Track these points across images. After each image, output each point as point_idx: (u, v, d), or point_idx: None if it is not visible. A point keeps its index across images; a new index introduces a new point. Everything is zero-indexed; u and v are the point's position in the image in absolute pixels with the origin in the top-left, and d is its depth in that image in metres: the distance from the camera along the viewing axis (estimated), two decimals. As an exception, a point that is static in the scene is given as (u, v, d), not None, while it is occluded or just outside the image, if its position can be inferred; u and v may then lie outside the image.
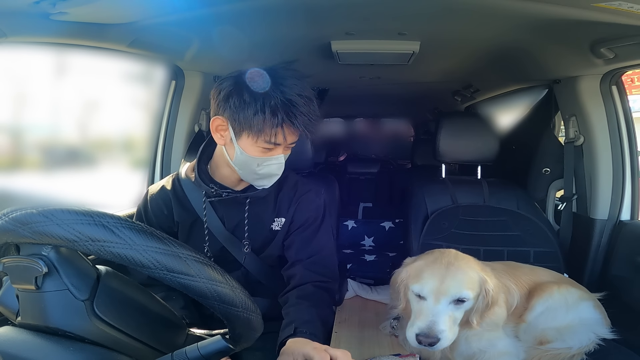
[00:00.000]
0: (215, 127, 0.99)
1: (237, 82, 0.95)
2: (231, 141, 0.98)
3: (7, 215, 0.49)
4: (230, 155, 1.00)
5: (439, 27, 1.27)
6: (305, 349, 0.79)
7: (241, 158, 0.98)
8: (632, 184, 1.48)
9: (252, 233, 1.09)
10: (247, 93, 0.93)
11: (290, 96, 0.93)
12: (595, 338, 1.06)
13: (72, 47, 1.08)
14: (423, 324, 0.87)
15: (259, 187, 1.05)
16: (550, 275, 1.20)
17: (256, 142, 0.95)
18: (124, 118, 1.59)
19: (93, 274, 0.55)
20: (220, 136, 1.00)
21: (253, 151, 0.97)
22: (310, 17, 1.20)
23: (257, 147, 0.96)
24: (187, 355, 0.56)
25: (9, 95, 1.14)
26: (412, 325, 0.90)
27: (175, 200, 1.09)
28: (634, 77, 5.31)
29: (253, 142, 0.96)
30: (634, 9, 0.92)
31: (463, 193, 1.61)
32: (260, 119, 0.92)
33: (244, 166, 1.00)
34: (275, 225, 1.12)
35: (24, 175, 1.25)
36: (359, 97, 2.74)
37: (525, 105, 2.13)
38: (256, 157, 0.97)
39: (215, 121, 0.98)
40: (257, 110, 0.92)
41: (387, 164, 3.41)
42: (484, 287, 0.92)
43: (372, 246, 2.77)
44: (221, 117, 0.97)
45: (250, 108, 0.92)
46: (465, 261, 0.96)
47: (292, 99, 0.93)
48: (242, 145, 0.97)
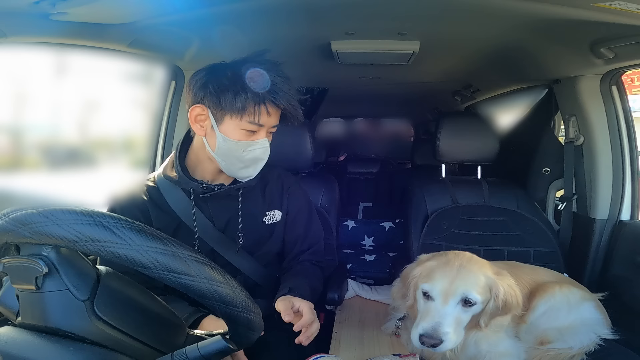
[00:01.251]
0: (195, 117, 0.97)
1: (211, 70, 0.96)
2: (212, 129, 0.96)
3: (7, 215, 0.49)
4: (212, 145, 0.97)
5: (439, 27, 1.27)
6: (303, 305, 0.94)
7: (224, 146, 0.96)
8: (632, 184, 1.48)
9: (246, 229, 1.06)
10: (224, 77, 0.93)
11: (268, 71, 0.94)
12: (596, 338, 1.06)
13: (72, 47, 1.08)
14: (428, 324, 0.87)
15: (243, 178, 1.02)
16: (551, 275, 1.20)
17: (240, 122, 0.94)
18: (124, 118, 1.59)
19: (93, 274, 0.54)
20: (200, 127, 0.98)
21: (236, 135, 0.95)
22: (310, 17, 1.20)
23: (240, 130, 0.95)
24: (187, 355, 0.56)
25: (9, 95, 1.14)
26: (417, 325, 0.89)
27: (152, 206, 1.02)
28: (634, 77, 5.30)
29: (236, 125, 0.95)
30: (634, 9, 0.92)
31: (463, 193, 1.61)
32: (242, 98, 0.92)
33: (228, 154, 0.97)
34: (268, 219, 1.11)
35: (24, 175, 1.25)
36: (359, 97, 2.74)
37: (525, 105, 2.13)
38: (240, 141, 0.96)
39: (194, 110, 0.96)
40: (237, 90, 0.92)
41: (387, 164, 3.41)
42: (493, 291, 0.91)
43: (372, 246, 2.77)
44: (200, 105, 0.95)
45: (231, 89, 0.92)
46: (479, 265, 0.95)
47: (271, 77, 0.94)
48: (224, 130, 0.95)
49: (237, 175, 1.02)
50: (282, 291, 1.01)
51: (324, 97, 2.50)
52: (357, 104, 3.20)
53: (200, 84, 0.95)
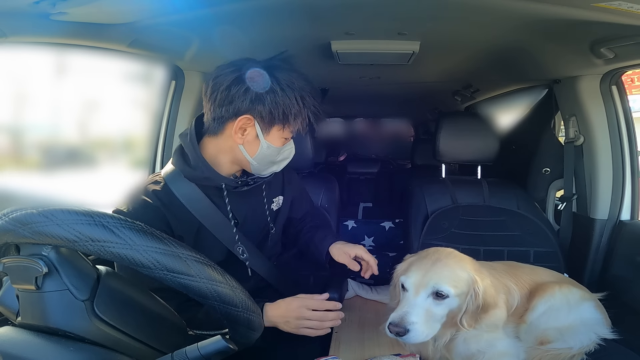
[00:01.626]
0: (239, 127, 0.95)
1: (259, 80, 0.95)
2: (255, 138, 0.97)
3: (7, 215, 0.49)
4: (250, 151, 0.98)
5: (439, 27, 1.27)
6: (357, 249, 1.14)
7: (267, 152, 0.99)
8: (632, 184, 1.48)
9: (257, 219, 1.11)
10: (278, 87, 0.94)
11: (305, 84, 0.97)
12: (596, 338, 1.06)
13: (72, 47, 1.08)
14: (397, 314, 0.87)
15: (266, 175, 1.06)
16: (550, 275, 1.20)
17: (283, 132, 0.98)
18: (124, 118, 1.59)
19: (93, 274, 0.54)
20: (240, 135, 0.96)
21: (278, 142, 0.99)
22: (310, 17, 1.20)
23: (281, 138, 0.99)
24: (187, 355, 0.56)
25: (9, 95, 1.14)
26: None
27: (171, 214, 0.96)
28: (634, 77, 5.30)
29: (280, 135, 0.98)
30: (634, 9, 0.92)
31: (463, 193, 1.61)
32: (297, 110, 0.95)
33: (265, 158, 1.00)
34: (275, 206, 1.16)
35: (24, 175, 1.25)
36: (359, 97, 2.74)
37: (525, 105, 2.13)
38: (280, 147, 1.00)
39: (241, 121, 0.94)
40: (292, 104, 0.95)
41: (387, 164, 3.41)
42: (472, 288, 0.90)
43: (372, 246, 2.77)
44: (248, 116, 0.94)
45: (286, 102, 0.94)
46: (457, 260, 0.95)
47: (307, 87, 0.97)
48: (270, 139, 0.98)
49: (262, 173, 1.04)
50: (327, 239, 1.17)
51: (324, 97, 2.50)
52: (357, 104, 3.20)
53: (252, 94, 0.93)
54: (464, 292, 0.90)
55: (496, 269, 1.11)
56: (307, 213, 1.31)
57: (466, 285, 0.90)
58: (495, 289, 0.95)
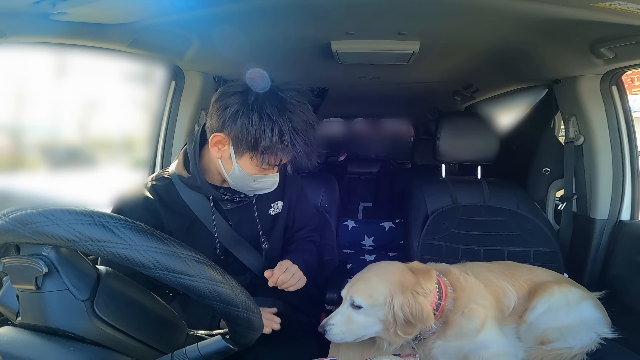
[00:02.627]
0: (215, 142, 0.95)
1: (245, 100, 0.91)
2: (229, 158, 0.96)
3: (7, 215, 0.49)
4: (227, 169, 0.98)
5: (439, 27, 1.27)
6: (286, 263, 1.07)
7: (238, 174, 0.97)
8: (632, 184, 1.48)
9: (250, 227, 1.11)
10: (256, 114, 0.89)
11: (297, 123, 0.91)
12: (597, 337, 1.06)
13: (72, 47, 1.08)
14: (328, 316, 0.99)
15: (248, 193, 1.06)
16: (549, 275, 1.20)
17: (254, 161, 0.94)
18: (124, 118, 1.59)
19: (93, 274, 0.54)
20: (217, 150, 0.97)
21: (251, 170, 0.96)
22: (310, 17, 1.20)
23: (256, 167, 0.95)
24: (187, 355, 0.56)
25: (9, 95, 1.14)
26: None
27: (163, 208, 1.01)
28: (634, 77, 5.30)
29: (253, 163, 0.95)
30: (634, 9, 0.92)
31: (463, 193, 1.61)
32: (268, 144, 0.90)
33: (239, 181, 0.99)
34: (272, 211, 1.15)
35: (24, 175, 1.25)
36: (359, 97, 2.74)
37: (525, 105, 2.13)
38: (253, 175, 0.97)
39: (216, 137, 0.94)
40: (265, 136, 0.89)
41: (387, 164, 3.41)
42: (389, 302, 0.94)
43: (372, 246, 2.77)
44: (222, 134, 0.93)
45: (259, 131, 0.89)
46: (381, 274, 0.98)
47: (298, 126, 0.91)
48: (241, 163, 0.95)
49: (244, 191, 1.05)
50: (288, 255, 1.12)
51: (324, 97, 2.50)
52: (357, 104, 3.20)
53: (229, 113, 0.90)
54: (381, 303, 0.94)
55: (492, 270, 1.12)
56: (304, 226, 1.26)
57: (383, 298, 0.94)
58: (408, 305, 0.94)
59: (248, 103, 0.90)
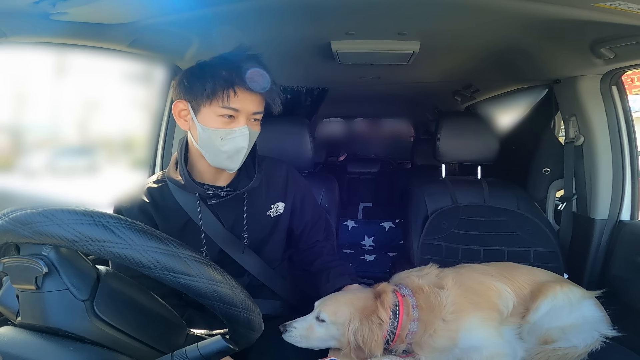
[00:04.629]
0: (178, 112, 0.99)
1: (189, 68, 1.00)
2: (193, 122, 0.97)
3: (7, 215, 0.49)
4: (195, 137, 0.99)
5: (439, 27, 1.27)
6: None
7: (204, 136, 0.96)
8: (632, 184, 1.48)
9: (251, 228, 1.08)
10: (197, 69, 0.97)
11: (239, 59, 0.96)
12: (599, 336, 1.06)
13: (72, 47, 1.08)
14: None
15: (231, 170, 1.02)
16: (548, 276, 1.20)
17: (214, 109, 0.95)
18: (124, 118, 1.59)
19: (93, 274, 0.54)
20: (184, 121, 1.00)
21: (214, 123, 0.95)
22: (310, 17, 1.21)
23: (217, 117, 0.95)
24: (187, 355, 0.56)
25: (9, 95, 1.14)
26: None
27: (155, 210, 1.03)
28: (634, 77, 5.30)
29: (212, 113, 0.95)
30: (634, 9, 0.92)
31: (463, 193, 1.61)
32: (210, 84, 0.93)
33: (209, 144, 0.97)
34: (272, 212, 1.12)
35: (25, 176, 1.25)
36: (359, 97, 2.75)
37: (525, 105, 2.13)
38: (218, 129, 0.95)
39: (177, 106, 0.99)
40: (206, 78, 0.94)
41: (387, 164, 3.41)
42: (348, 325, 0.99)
43: (372, 246, 2.77)
44: (181, 100, 0.98)
45: (201, 78, 0.94)
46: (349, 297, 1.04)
47: (241, 62, 0.95)
48: (202, 120, 0.96)
49: (224, 166, 1.01)
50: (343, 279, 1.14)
51: (324, 97, 2.50)
52: (357, 104, 3.20)
53: (178, 80, 0.99)
54: (342, 323, 0.99)
55: (489, 273, 1.11)
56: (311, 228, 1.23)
57: (345, 319, 0.99)
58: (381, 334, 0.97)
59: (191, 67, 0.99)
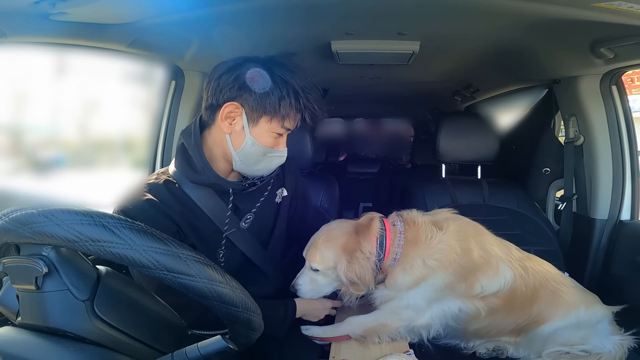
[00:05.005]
0: (226, 114, 0.93)
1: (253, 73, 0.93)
2: (242, 129, 0.94)
3: (7, 215, 0.49)
4: (236, 144, 0.95)
5: (439, 27, 1.27)
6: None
7: (250, 148, 0.95)
8: (632, 184, 1.48)
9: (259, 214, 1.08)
10: (266, 78, 0.92)
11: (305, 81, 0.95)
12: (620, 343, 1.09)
13: (72, 47, 1.08)
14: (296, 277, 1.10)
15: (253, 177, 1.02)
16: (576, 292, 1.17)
17: (272, 125, 0.94)
18: (124, 118, 1.59)
19: (93, 274, 0.54)
20: (228, 124, 0.94)
21: (265, 139, 0.95)
22: (310, 17, 1.21)
23: (270, 134, 0.95)
24: (187, 355, 0.56)
25: (9, 95, 1.14)
26: None
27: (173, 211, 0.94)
28: (634, 77, 5.30)
29: (269, 129, 0.94)
30: (634, 9, 0.92)
31: (463, 193, 1.61)
32: (286, 103, 0.92)
33: (248, 156, 0.96)
34: (277, 198, 1.13)
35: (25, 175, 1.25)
36: (359, 97, 2.74)
37: (525, 105, 2.13)
38: (265, 146, 0.96)
39: (228, 107, 0.92)
40: (282, 95, 0.92)
41: (387, 164, 3.40)
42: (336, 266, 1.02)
43: (372, 246, 2.76)
44: (235, 103, 0.92)
45: (276, 93, 0.91)
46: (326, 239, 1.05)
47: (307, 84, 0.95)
48: (255, 132, 0.94)
49: (247, 173, 1.01)
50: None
51: (324, 97, 2.49)
52: (357, 104, 3.20)
53: (240, 82, 0.91)
54: (331, 267, 1.03)
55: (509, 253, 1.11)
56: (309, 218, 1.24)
57: (332, 263, 1.03)
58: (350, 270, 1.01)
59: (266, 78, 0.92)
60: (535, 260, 1.15)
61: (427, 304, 1.06)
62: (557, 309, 1.09)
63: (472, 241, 1.05)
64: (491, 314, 1.08)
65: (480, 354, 1.17)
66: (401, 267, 1.02)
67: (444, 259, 1.01)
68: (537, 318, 1.10)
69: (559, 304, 1.10)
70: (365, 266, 1.00)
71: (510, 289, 1.06)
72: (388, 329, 1.07)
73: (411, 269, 1.02)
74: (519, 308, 1.09)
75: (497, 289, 1.05)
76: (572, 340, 1.09)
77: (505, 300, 1.07)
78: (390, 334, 1.08)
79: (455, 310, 1.07)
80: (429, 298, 1.05)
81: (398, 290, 1.05)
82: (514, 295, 1.07)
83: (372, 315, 1.09)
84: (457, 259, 1.02)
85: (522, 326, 1.12)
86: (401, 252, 1.02)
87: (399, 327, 1.07)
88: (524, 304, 1.09)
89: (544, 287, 1.10)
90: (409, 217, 1.08)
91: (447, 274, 1.02)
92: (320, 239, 1.06)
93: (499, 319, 1.10)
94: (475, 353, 1.18)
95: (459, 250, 1.02)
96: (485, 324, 1.10)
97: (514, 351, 1.16)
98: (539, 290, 1.09)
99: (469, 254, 1.03)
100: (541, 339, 1.10)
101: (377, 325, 1.08)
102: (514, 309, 1.09)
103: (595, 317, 1.11)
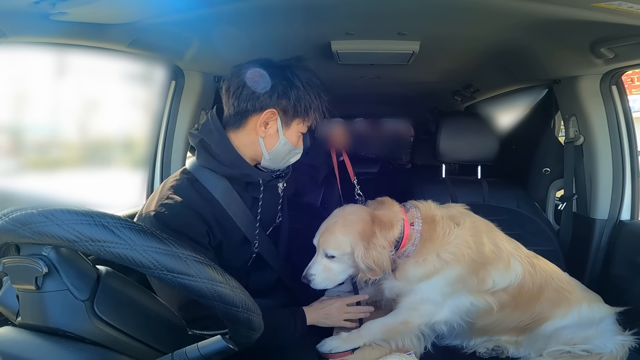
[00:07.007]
0: (264, 119, 0.98)
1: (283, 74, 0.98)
2: (276, 132, 1.00)
3: (8, 215, 0.49)
4: (268, 145, 1.01)
5: (439, 27, 1.27)
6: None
7: (282, 149, 1.02)
8: (632, 184, 1.48)
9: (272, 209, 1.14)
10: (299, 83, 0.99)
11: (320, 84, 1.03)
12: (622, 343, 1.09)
13: (72, 47, 1.08)
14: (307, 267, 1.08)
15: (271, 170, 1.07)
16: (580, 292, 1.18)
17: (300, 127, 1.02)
18: (124, 118, 1.59)
19: (93, 274, 0.55)
20: (263, 129, 0.99)
21: (294, 139, 1.03)
22: (310, 17, 1.21)
23: (297, 134, 1.03)
24: (187, 355, 0.56)
25: (9, 95, 1.14)
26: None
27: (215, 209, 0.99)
28: (634, 77, 5.31)
29: (297, 128, 1.01)
30: (634, 9, 0.92)
31: (463, 193, 1.61)
32: (315, 107, 1.00)
33: (278, 154, 1.03)
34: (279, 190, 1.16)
35: (25, 175, 1.25)
36: (359, 97, 2.74)
37: (525, 105, 2.13)
38: (294, 145, 1.03)
39: (267, 114, 0.98)
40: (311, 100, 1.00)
41: (387, 164, 3.40)
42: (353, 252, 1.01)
43: (372, 246, 2.76)
44: (273, 110, 0.98)
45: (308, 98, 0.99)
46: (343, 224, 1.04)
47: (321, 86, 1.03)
48: (288, 134, 1.01)
49: (269, 167, 1.07)
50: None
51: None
52: (357, 104, 3.20)
53: (280, 91, 0.97)
54: (348, 253, 1.02)
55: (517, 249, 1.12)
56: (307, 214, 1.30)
57: (349, 248, 1.02)
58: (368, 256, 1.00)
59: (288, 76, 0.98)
60: (541, 259, 1.17)
61: (442, 298, 1.06)
62: (560, 307, 1.10)
63: (485, 236, 1.06)
64: (499, 309, 1.09)
65: (480, 354, 1.17)
66: (414, 260, 1.04)
67: (458, 253, 1.02)
68: (540, 316, 1.11)
69: (561, 303, 1.10)
70: (383, 253, 1.00)
71: (519, 285, 1.07)
72: (410, 326, 1.06)
73: (424, 262, 1.03)
74: (524, 305, 1.10)
75: (508, 283, 1.07)
76: (575, 339, 1.09)
77: (513, 296, 1.08)
78: (413, 332, 1.07)
79: (467, 305, 1.07)
80: (443, 292, 1.05)
81: (408, 281, 1.05)
82: (521, 291, 1.08)
83: (391, 315, 1.09)
84: (470, 254, 1.03)
85: (525, 324, 1.12)
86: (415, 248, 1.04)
87: (421, 324, 1.07)
88: (530, 300, 1.10)
89: (549, 285, 1.11)
90: (427, 213, 1.08)
91: (460, 268, 1.03)
92: (336, 225, 1.05)
93: (506, 315, 1.11)
94: (475, 353, 1.18)
95: (473, 244, 1.04)
96: (493, 319, 1.11)
97: (514, 350, 1.16)
98: (544, 288, 1.10)
99: (482, 249, 1.05)
100: (543, 337, 1.10)
101: (398, 325, 1.07)
102: (520, 305, 1.10)
103: (598, 315, 1.11)
